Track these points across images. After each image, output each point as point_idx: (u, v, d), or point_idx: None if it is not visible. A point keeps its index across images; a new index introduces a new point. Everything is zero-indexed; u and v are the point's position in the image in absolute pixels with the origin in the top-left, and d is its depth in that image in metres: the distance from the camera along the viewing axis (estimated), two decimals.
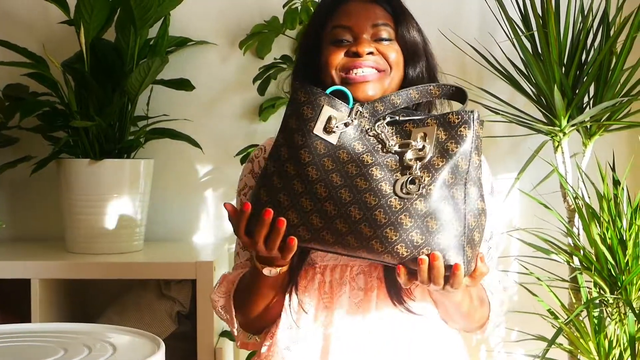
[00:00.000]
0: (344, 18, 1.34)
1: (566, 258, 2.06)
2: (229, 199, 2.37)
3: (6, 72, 2.21)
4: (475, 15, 2.36)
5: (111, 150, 2.13)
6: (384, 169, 1.16)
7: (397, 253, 1.11)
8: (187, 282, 2.16)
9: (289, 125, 1.21)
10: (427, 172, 1.14)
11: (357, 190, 1.14)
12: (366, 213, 1.12)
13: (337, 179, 1.15)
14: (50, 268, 1.96)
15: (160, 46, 2.20)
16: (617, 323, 1.95)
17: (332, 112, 1.20)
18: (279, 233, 1.16)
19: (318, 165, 1.17)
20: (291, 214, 1.16)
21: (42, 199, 2.37)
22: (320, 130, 1.19)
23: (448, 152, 1.16)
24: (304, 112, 1.20)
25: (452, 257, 1.11)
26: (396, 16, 1.35)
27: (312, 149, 1.18)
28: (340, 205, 1.14)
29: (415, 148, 1.16)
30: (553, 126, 2.08)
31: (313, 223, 1.15)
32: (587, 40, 2.09)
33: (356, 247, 1.13)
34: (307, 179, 1.16)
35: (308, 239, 1.16)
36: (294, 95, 1.22)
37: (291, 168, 1.18)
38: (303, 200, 1.16)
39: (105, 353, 1.14)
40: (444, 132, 1.17)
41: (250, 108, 2.37)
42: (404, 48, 1.35)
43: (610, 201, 1.97)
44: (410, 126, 1.20)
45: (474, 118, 1.18)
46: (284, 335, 1.32)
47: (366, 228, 1.12)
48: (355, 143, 1.19)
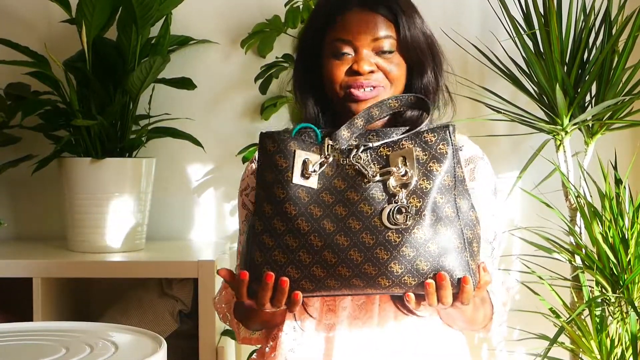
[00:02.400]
0: (345, 32, 1.30)
1: (568, 257, 2.06)
2: (230, 197, 2.37)
3: (8, 71, 2.21)
4: (477, 13, 2.36)
5: (113, 149, 2.13)
6: (372, 203, 1.13)
7: (405, 284, 1.10)
8: (188, 281, 2.17)
9: (266, 179, 1.17)
10: (416, 197, 1.12)
11: (352, 232, 1.11)
12: (367, 254, 1.10)
13: (329, 225, 1.12)
14: (52, 267, 1.96)
15: (161, 45, 2.20)
16: (619, 322, 1.95)
17: (305, 156, 1.16)
18: (284, 293, 1.13)
19: (306, 216, 1.13)
20: (290, 270, 1.13)
21: (44, 198, 2.37)
22: (298, 177, 1.15)
23: (432, 172, 1.13)
24: (278, 162, 1.16)
25: (459, 274, 1.11)
26: (398, 24, 1.31)
27: (295, 200, 1.14)
28: (339, 251, 1.11)
29: (398, 174, 1.13)
30: (555, 125, 2.08)
31: (315, 274, 1.12)
32: (589, 39, 2.09)
33: (362, 286, 1.12)
34: (299, 232, 1.13)
35: (312, 289, 1.13)
36: (262, 146, 1.18)
37: (279, 224, 1.14)
38: (300, 254, 1.12)
39: (106, 352, 1.14)
40: (423, 152, 1.14)
41: (252, 107, 2.37)
42: (407, 56, 1.32)
43: (612, 200, 1.97)
44: (385, 150, 1.16)
45: (450, 132, 1.15)
46: (288, 338, 1.32)
47: (370, 268, 1.10)
48: (336, 180, 1.16)
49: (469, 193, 1.16)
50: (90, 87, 2.12)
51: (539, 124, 2.11)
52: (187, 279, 2.16)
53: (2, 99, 2.15)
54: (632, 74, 2.06)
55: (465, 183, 1.16)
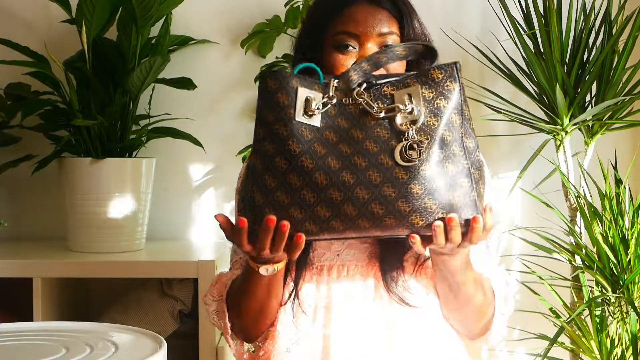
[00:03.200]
0: (351, 24, 1.30)
1: (568, 257, 2.06)
2: (230, 197, 2.37)
3: (8, 71, 2.21)
4: (477, 13, 2.36)
5: (113, 149, 2.13)
6: (377, 141, 1.11)
7: (412, 224, 1.07)
8: (188, 281, 2.17)
9: (266, 119, 1.13)
10: (423, 134, 1.10)
11: (358, 169, 1.09)
12: (374, 191, 1.07)
13: (333, 162, 1.10)
14: (52, 267, 1.96)
15: (162, 45, 2.20)
16: (619, 322, 1.95)
17: (308, 93, 1.13)
18: (284, 236, 1.10)
19: (310, 153, 1.10)
20: (294, 210, 1.09)
21: (44, 198, 2.37)
22: (301, 115, 1.12)
23: (439, 109, 1.11)
24: (279, 100, 1.12)
25: (467, 214, 1.09)
26: (402, 20, 1.32)
27: (298, 137, 1.10)
28: (344, 189, 1.08)
29: (404, 111, 1.11)
30: (555, 125, 2.08)
31: (320, 214, 1.08)
32: (589, 39, 2.09)
33: (368, 227, 1.08)
34: (303, 170, 1.09)
35: (316, 231, 1.09)
36: (264, 84, 1.14)
37: (282, 162, 1.10)
38: (304, 193, 1.09)
39: (107, 352, 1.14)
40: (429, 90, 1.12)
41: (252, 107, 2.37)
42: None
43: (612, 200, 1.97)
44: (389, 89, 1.14)
45: (457, 69, 1.13)
46: (284, 337, 1.31)
47: (377, 207, 1.07)
48: (339, 119, 1.14)
49: (474, 132, 1.14)
50: (90, 87, 2.12)
51: (539, 124, 2.11)
52: (187, 279, 2.16)
53: (2, 99, 2.15)
54: (632, 74, 2.06)
55: (471, 122, 1.14)
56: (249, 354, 1.38)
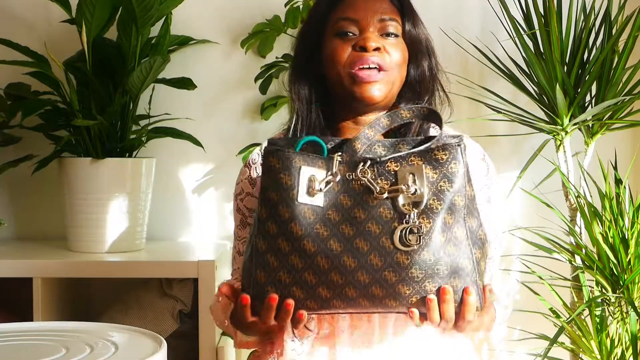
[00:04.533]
0: (351, 10, 1.30)
1: (568, 257, 2.06)
2: (230, 197, 2.36)
3: (8, 71, 2.21)
4: (477, 13, 2.36)
5: (113, 149, 2.13)
6: (380, 222, 1.10)
7: (411, 303, 1.09)
8: (188, 281, 2.17)
9: (270, 198, 1.13)
10: (425, 217, 1.09)
11: (359, 253, 1.09)
12: (375, 275, 1.08)
13: (335, 245, 1.09)
14: (52, 267, 1.96)
15: (161, 45, 2.20)
16: (619, 322, 1.95)
17: (311, 172, 1.13)
18: (289, 314, 1.11)
19: (312, 236, 1.10)
20: (296, 290, 1.10)
21: (44, 197, 2.37)
22: (304, 196, 1.12)
23: (443, 192, 1.10)
24: (282, 181, 1.12)
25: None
26: (403, 11, 1.32)
27: (301, 219, 1.10)
28: (346, 273, 1.08)
29: (407, 192, 1.10)
30: (555, 125, 2.08)
31: (321, 295, 1.10)
32: (589, 39, 2.09)
33: (369, 306, 1.10)
34: (305, 253, 1.10)
35: (317, 308, 1.11)
36: (267, 163, 1.14)
37: (284, 244, 1.11)
38: (305, 275, 1.10)
39: (107, 352, 1.14)
40: (433, 170, 1.11)
41: (252, 107, 2.37)
42: (409, 45, 1.32)
43: (612, 200, 1.97)
44: (393, 165, 1.12)
45: (462, 150, 1.12)
46: (289, 347, 1.30)
47: (377, 289, 1.08)
48: (342, 196, 1.12)
49: (478, 211, 1.13)
50: (91, 87, 2.12)
51: (539, 124, 2.11)
52: (187, 279, 2.16)
53: (2, 99, 2.15)
54: (632, 74, 2.06)
55: (475, 201, 1.13)
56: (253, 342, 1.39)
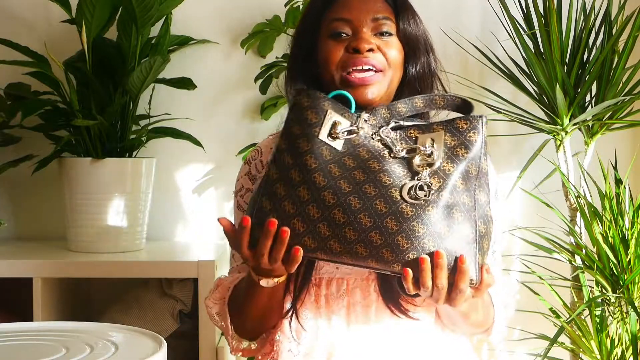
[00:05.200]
0: (344, 10, 1.30)
1: (568, 257, 2.06)
2: (231, 197, 2.36)
3: (8, 71, 2.21)
4: (477, 13, 2.36)
5: (113, 149, 2.13)
6: (392, 176, 1.12)
7: (407, 261, 1.07)
8: (188, 281, 2.17)
9: (292, 131, 1.17)
10: (437, 177, 1.11)
11: (366, 197, 1.10)
12: (377, 220, 1.08)
13: (345, 185, 1.11)
14: (52, 267, 1.96)
15: (161, 45, 2.20)
16: (619, 322, 1.95)
17: (336, 118, 1.17)
18: (283, 243, 1.10)
19: (325, 172, 1.12)
20: (297, 222, 1.10)
21: (44, 198, 2.37)
22: (325, 135, 1.15)
23: (458, 157, 1.13)
24: (308, 117, 1.17)
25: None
26: (398, 9, 1.31)
27: (317, 154, 1.14)
28: (349, 212, 1.09)
29: (424, 153, 1.13)
30: (555, 125, 2.08)
31: (320, 231, 1.10)
32: (589, 39, 2.09)
33: (365, 256, 1.08)
34: (314, 185, 1.11)
35: (314, 248, 1.10)
36: (297, 99, 1.19)
37: (296, 175, 1.13)
38: (310, 207, 1.10)
39: (107, 352, 1.14)
40: (452, 137, 1.15)
41: (252, 107, 2.37)
42: (405, 43, 1.31)
43: (612, 200, 1.97)
44: (415, 132, 1.17)
45: (483, 123, 1.16)
46: (285, 348, 1.30)
47: (377, 236, 1.08)
48: (361, 149, 1.16)
49: (489, 187, 1.15)
50: (91, 87, 2.12)
51: (539, 124, 2.11)
52: (187, 279, 2.16)
53: (2, 99, 2.15)
54: (632, 74, 2.06)
55: (487, 177, 1.15)
56: (248, 350, 1.38)
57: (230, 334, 1.36)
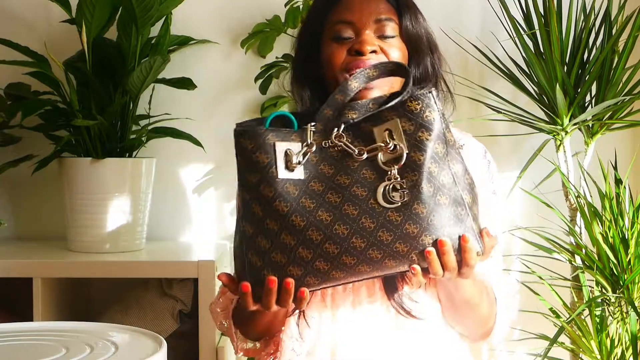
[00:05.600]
0: (346, 12, 1.30)
1: (568, 257, 2.06)
2: (230, 197, 2.37)
3: (8, 71, 2.21)
4: (477, 13, 2.36)
5: (113, 149, 2.13)
6: (364, 184, 1.07)
7: (412, 260, 1.06)
8: (189, 281, 2.17)
9: (249, 180, 1.10)
10: (410, 171, 1.06)
11: (350, 219, 1.06)
12: (369, 239, 1.05)
13: (325, 215, 1.07)
14: (52, 267, 1.96)
15: (161, 45, 2.20)
16: (619, 322, 1.95)
17: (286, 146, 1.10)
18: (290, 294, 1.08)
19: (299, 210, 1.07)
20: (293, 269, 1.07)
21: (44, 198, 2.37)
22: (283, 171, 1.09)
23: (422, 142, 1.07)
24: (259, 160, 1.10)
25: None
26: (400, 9, 1.31)
27: (285, 195, 1.07)
28: (340, 241, 1.06)
29: (386, 150, 1.07)
30: (555, 125, 2.08)
31: (319, 268, 1.07)
32: (589, 39, 2.09)
33: (369, 271, 1.07)
34: (295, 229, 1.06)
35: (318, 283, 1.08)
36: (240, 145, 1.12)
37: (272, 224, 1.08)
38: (300, 251, 1.06)
39: (107, 352, 1.14)
40: (409, 122, 1.08)
41: (252, 107, 2.37)
42: (408, 43, 1.32)
43: (612, 200, 1.97)
44: (368, 125, 1.10)
45: (434, 97, 1.08)
46: (288, 347, 1.30)
47: (375, 252, 1.06)
48: (322, 166, 1.10)
49: (461, 155, 1.10)
50: (91, 87, 2.12)
51: (539, 124, 2.11)
52: (187, 279, 2.16)
53: (2, 99, 2.15)
54: (632, 74, 2.06)
55: (456, 146, 1.10)
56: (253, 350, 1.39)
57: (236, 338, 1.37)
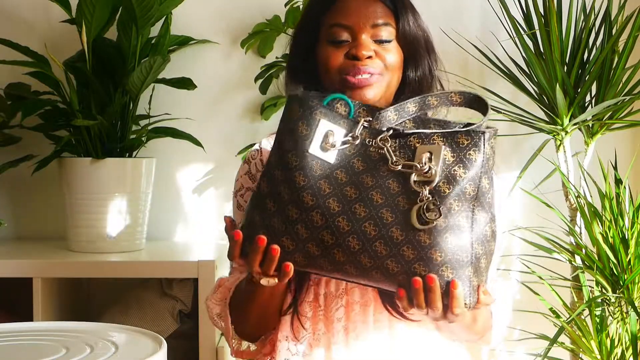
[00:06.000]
0: (343, 16, 1.29)
1: (568, 257, 2.06)
2: (230, 197, 2.36)
3: (8, 71, 2.21)
4: (477, 13, 2.36)
5: (113, 149, 2.13)
6: (385, 193, 1.07)
7: (399, 282, 1.05)
8: (188, 281, 2.17)
9: (283, 144, 1.12)
10: (432, 197, 1.05)
11: (355, 218, 1.06)
12: (365, 244, 1.05)
13: (334, 204, 1.07)
14: (52, 267, 1.96)
15: (161, 45, 2.20)
16: (619, 322, 1.95)
17: (330, 127, 1.11)
18: (273, 260, 1.09)
19: (314, 190, 1.08)
20: (286, 240, 1.09)
21: (44, 198, 2.37)
22: (316, 148, 1.10)
23: (455, 178, 1.06)
24: (299, 129, 1.10)
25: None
26: (397, 12, 1.31)
27: (307, 170, 1.09)
28: (337, 234, 1.06)
29: (421, 170, 1.06)
30: (555, 125, 2.08)
31: (309, 250, 1.08)
32: (589, 39, 2.09)
33: (355, 274, 1.07)
34: (302, 205, 1.08)
35: (304, 264, 1.10)
36: (288, 108, 1.13)
37: (285, 191, 1.09)
38: (298, 227, 1.08)
39: (107, 352, 1.14)
40: (452, 153, 1.07)
41: (252, 107, 2.37)
42: (405, 46, 1.31)
43: (612, 200, 1.97)
44: (415, 141, 1.09)
45: (485, 139, 1.07)
46: (284, 347, 1.30)
47: (365, 259, 1.05)
48: (355, 160, 1.11)
49: (491, 206, 1.09)
50: (91, 87, 2.12)
51: (539, 124, 2.11)
52: (187, 279, 2.16)
53: (2, 99, 2.15)
54: (632, 74, 2.06)
55: (489, 195, 1.08)
56: (248, 352, 1.38)
57: (231, 335, 1.36)
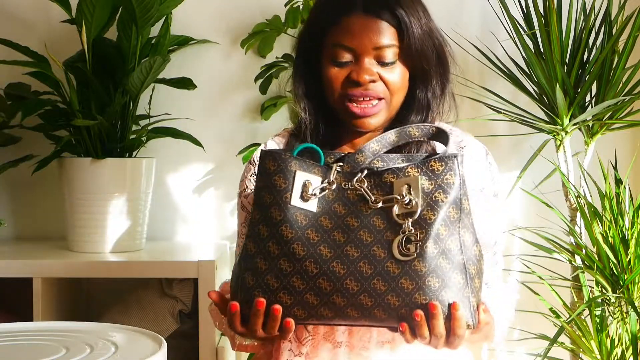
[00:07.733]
0: (346, 37, 1.26)
1: (568, 257, 2.06)
2: (230, 197, 2.37)
3: (8, 71, 2.21)
4: (477, 13, 2.36)
5: (113, 149, 2.13)
6: (372, 231, 1.09)
7: (401, 315, 1.07)
8: (189, 281, 2.17)
9: (263, 200, 1.12)
10: (419, 228, 1.07)
11: (349, 260, 1.07)
12: (364, 284, 1.06)
13: (325, 251, 1.09)
14: (52, 267, 1.96)
15: (161, 45, 2.20)
16: (619, 322, 1.95)
17: (306, 177, 1.12)
18: (277, 320, 1.09)
19: (303, 240, 1.09)
20: (283, 295, 1.09)
21: (44, 198, 2.37)
22: (297, 199, 1.11)
23: (437, 203, 1.08)
24: (277, 183, 1.12)
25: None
26: (402, 31, 1.26)
27: (292, 222, 1.10)
28: (334, 279, 1.07)
29: (402, 203, 1.08)
30: (555, 125, 2.08)
31: (308, 301, 1.08)
32: (589, 39, 2.09)
33: (357, 317, 1.08)
34: (294, 257, 1.09)
35: (305, 317, 1.10)
36: (263, 165, 1.13)
37: (274, 247, 1.10)
38: (294, 279, 1.08)
39: (107, 352, 1.14)
40: (429, 181, 1.09)
41: (252, 107, 2.37)
42: (412, 65, 1.29)
43: (612, 200, 1.97)
44: (390, 177, 1.11)
45: (458, 163, 1.10)
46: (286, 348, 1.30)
47: (366, 298, 1.06)
48: (336, 205, 1.12)
49: (473, 227, 1.11)
50: (91, 87, 2.12)
51: (539, 124, 2.11)
52: (187, 279, 2.16)
53: (2, 99, 2.15)
54: (632, 74, 2.06)
55: (470, 216, 1.11)
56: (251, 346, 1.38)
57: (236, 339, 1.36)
